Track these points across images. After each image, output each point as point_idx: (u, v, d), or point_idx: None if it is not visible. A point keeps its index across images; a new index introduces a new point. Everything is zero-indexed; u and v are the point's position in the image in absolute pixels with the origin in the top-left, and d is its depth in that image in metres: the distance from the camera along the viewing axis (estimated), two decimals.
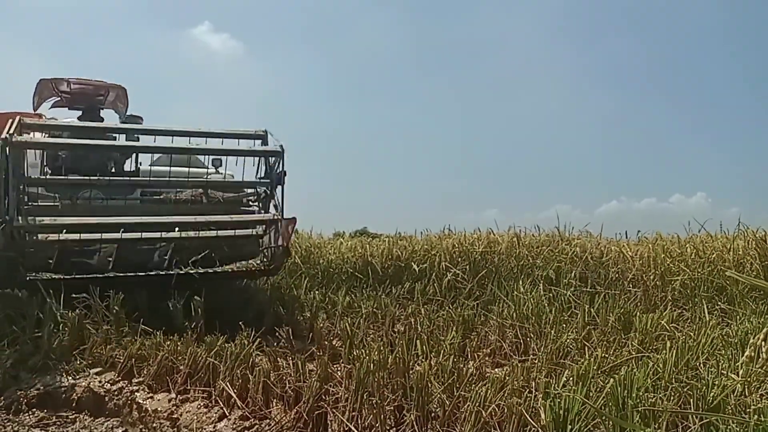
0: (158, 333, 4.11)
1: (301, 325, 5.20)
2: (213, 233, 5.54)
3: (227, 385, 3.38)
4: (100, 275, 4.96)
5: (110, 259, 5.20)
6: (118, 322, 4.39)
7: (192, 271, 5.30)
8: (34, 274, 4.79)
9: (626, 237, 7.44)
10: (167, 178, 5.83)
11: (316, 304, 5.91)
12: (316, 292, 6.45)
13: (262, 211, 6.02)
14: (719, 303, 5.51)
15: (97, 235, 5.08)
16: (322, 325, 5.13)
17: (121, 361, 3.90)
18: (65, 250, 5.06)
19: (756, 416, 1.96)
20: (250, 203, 6.36)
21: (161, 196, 6.26)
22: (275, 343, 4.19)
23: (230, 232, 5.64)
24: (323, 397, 3.06)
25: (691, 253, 6.02)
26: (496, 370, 4.54)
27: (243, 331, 3.94)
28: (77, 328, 4.26)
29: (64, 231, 4.89)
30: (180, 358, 3.71)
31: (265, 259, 5.73)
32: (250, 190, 6.35)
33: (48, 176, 6.08)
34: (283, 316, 5.22)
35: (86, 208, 5.58)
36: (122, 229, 5.10)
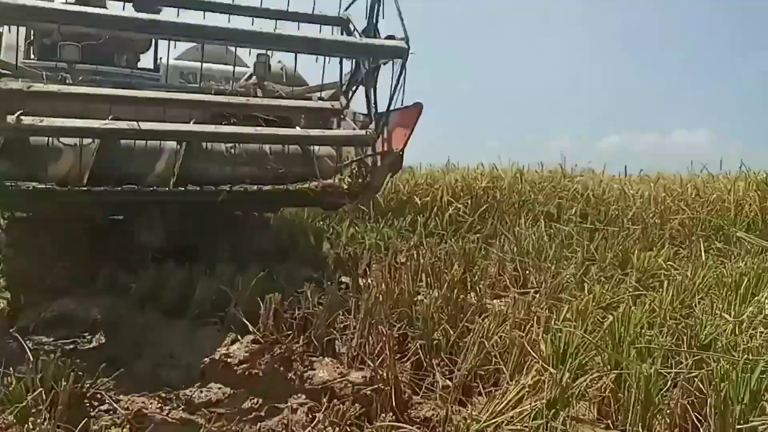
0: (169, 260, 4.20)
1: (308, 254, 5.32)
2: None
3: (238, 311, 3.51)
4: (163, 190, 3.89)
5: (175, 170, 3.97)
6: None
7: (273, 188, 4.10)
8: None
9: (626, 174, 7.49)
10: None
11: (321, 234, 6.03)
12: (321, 223, 6.56)
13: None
14: (716, 242, 5.65)
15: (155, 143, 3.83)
16: (327, 254, 5.26)
17: (135, 286, 4.02)
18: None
19: (745, 355, 2.08)
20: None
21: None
22: (284, 272, 4.31)
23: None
24: (332, 324, 3.20)
25: (692, 193, 6.10)
26: (496, 301, 4.72)
27: (253, 259, 4.05)
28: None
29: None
30: (193, 286, 3.84)
31: (359, 178, 4.26)
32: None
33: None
34: (289, 244, 5.34)
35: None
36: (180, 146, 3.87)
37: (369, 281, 4.78)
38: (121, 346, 3.57)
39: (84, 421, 2.33)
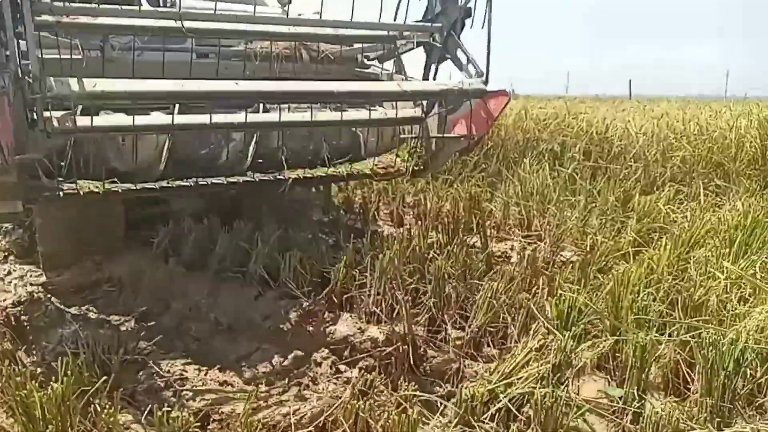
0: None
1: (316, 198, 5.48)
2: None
3: (260, 268, 3.72)
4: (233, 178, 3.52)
5: (246, 155, 3.61)
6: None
7: (340, 172, 3.80)
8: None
9: (630, 95, 7.50)
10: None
11: None
12: None
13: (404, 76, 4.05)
14: (716, 179, 5.79)
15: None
16: (335, 198, 5.43)
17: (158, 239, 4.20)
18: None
19: (732, 322, 2.29)
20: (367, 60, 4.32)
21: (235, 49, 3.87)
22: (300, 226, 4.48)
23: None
24: (350, 281, 3.42)
25: (694, 130, 6.18)
26: (501, 245, 4.94)
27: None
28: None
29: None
30: (213, 241, 4.02)
31: (418, 156, 3.94)
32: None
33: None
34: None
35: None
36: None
37: (380, 229, 4.99)
38: (147, 300, 3.80)
39: (136, 388, 2.56)
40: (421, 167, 3.99)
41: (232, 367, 3.08)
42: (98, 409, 1.99)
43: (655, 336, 2.28)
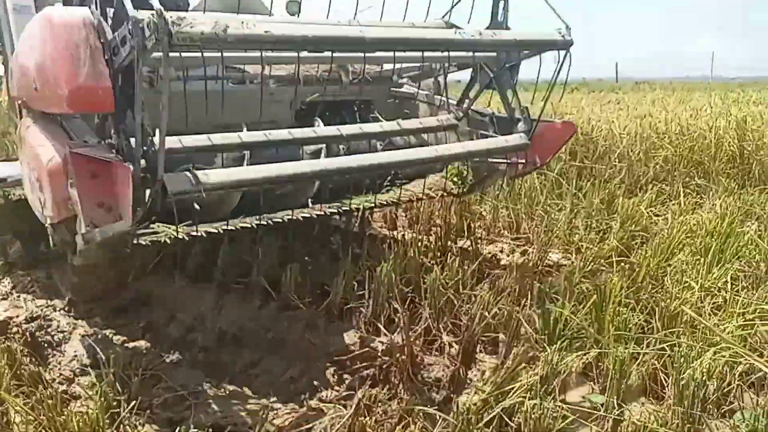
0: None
1: None
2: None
3: (262, 279, 3.89)
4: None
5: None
6: None
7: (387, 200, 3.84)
8: None
9: (616, 77, 7.65)
10: None
11: None
12: None
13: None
14: (696, 178, 6.03)
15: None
16: None
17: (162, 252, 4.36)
18: None
19: (704, 333, 2.50)
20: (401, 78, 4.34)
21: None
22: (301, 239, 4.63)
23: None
24: (348, 293, 3.60)
25: (675, 129, 6.40)
26: (490, 246, 5.14)
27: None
28: None
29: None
30: (215, 254, 4.19)
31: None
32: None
33: None
34: None
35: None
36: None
37: (374, 233, 5.17)
38: (154, 312, 3.95)
39: (153, 402, 2.74)
40: (470, 189, 4.16)
41: (239, 377, 3.26)
42: (128, 429, 2.17)
43: (633, 350, 2.49)
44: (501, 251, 5.07)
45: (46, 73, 2.42)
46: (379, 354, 3.16)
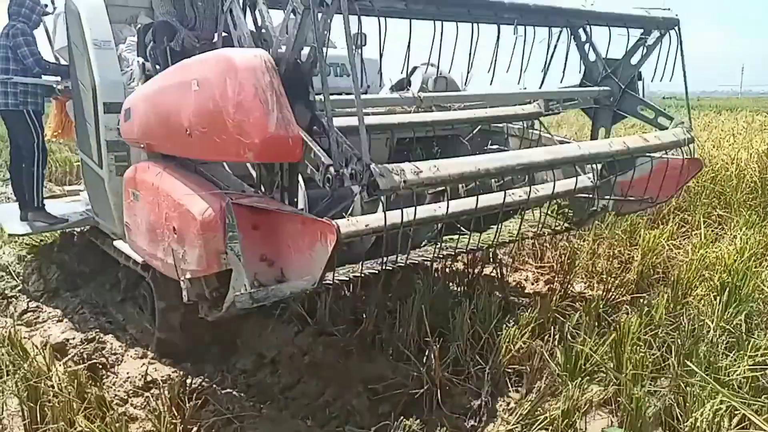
0: None
1: None
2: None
3: (299, 306, 4.13)
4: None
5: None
6: None
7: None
8: None
9: None
10: None
11: None
12: None
13: None
14: (718, 209, 6.14)
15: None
16: None
17: None
18: None
19: (718, 374, 2.67)
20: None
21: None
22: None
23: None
24: (381, 321, 3.82)
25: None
26: (516, 275, 5.33)
27: None
28: None
29: None
30: None
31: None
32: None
33: None
34: None
35: None
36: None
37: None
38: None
39: (199, 423, 2.98)
40: (577, 224, 4.11)
41: (278, 399, 3.48)
42: None
43: (648, 387, 2.67)
44: (526, 279, 5.25)
45: (223, 120, 2.22)
46: (410, 382, 3.37)
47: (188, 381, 3.41)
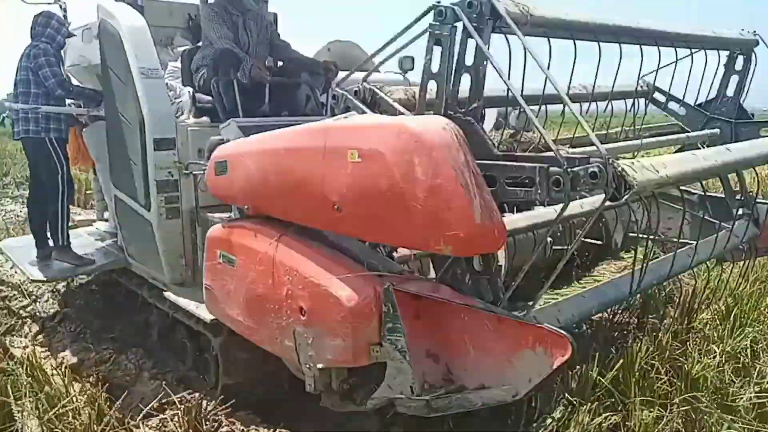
0: None
1: None
2: None
3: None
4: None
5: None
6: None
7: None
8: None
9: None
10: None
11: None
12: None
13: None
14: None
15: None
16: None
17: None
18: None
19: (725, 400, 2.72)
20: None
21: None
22: None
23: None
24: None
25: None
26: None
27: None
28: None
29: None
30: None
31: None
32: None
33: None
34: None
35: None
36: None
37: None
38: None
39: None
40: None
41: (294, 424, 3.49)
42: None
43: (657, 413, 2.72)
44: None
45: (405, 204, 1.85)
46: None
47: (203, 404, 3.45)
